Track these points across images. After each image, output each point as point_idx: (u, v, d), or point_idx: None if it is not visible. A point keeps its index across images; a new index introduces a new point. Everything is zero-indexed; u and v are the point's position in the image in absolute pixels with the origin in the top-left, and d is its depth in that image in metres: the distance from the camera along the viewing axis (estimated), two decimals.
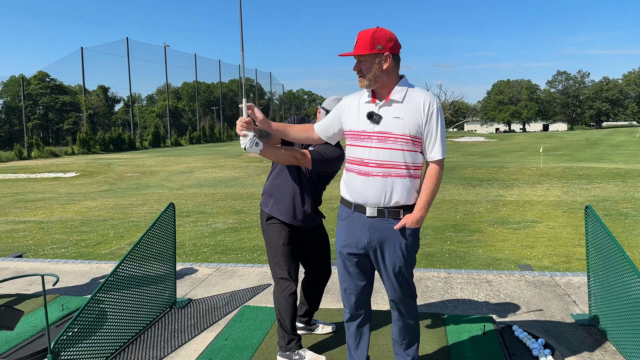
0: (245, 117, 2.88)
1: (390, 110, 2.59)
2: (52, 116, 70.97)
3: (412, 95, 2.61)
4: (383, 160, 2.58)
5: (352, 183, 2.69)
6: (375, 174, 2.60)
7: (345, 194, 2.76)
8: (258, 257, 7.27)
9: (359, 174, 2.64)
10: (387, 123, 2.58)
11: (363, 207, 2.66)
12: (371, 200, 2.62)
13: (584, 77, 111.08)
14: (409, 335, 2.91)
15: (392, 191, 2.60)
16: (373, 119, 2.59)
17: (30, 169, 25.97)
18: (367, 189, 2.62)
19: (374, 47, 2.52)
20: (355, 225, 2.70)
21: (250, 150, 2.87)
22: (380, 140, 2.58)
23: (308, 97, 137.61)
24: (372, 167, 2.60)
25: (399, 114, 2.57)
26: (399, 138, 2.55)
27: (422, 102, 2.58)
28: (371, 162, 2.60)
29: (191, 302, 4.53)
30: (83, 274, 5.55)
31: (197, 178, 20.83)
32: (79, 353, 3.14)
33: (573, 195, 13.10)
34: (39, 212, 12.52)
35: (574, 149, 34.41)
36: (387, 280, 2.77)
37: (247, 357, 3.40)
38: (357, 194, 2.66)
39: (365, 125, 2.63)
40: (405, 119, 2.56)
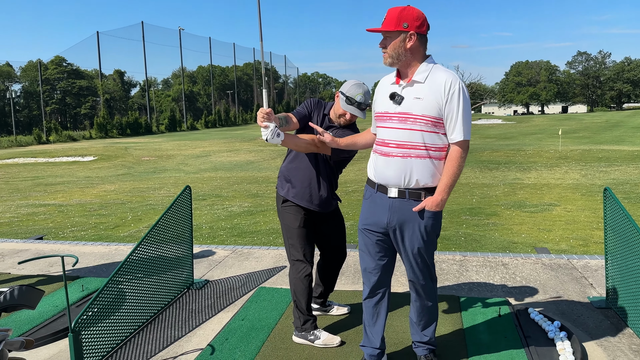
0: (266, 107, 2.86)
1: (411, 91, 2.58)
2: (70, 101, 71.70)
3: (434, 76, 2.58)
4: (402, 141, 2.59)
5: (375, 164, 2.72)
6: (395, 154, 2.61)
7: (370, 174, 2.79)
8: (273, 240, 7.32)
9: (381, 155, 2.68)
10: (407, 104, 2.57)
11: (385, 187, 2.68)
12: (392, 181, 2.64)
13: (605, 57, 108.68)
14: (426, 316, 2.92)
15: (411, 172, 2.60)
16: (395, 100, 2.60)
17: (49, 153, 26.35)
18: (388, 169, 2.64)
19: (400, 24, 2.51)
20: (377, 205, 2.72)
21: (272, 142, 2.85)
22: (400, 121, 2.59)
23: (323, 80, 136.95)
24: (392, 147, 2.62)
25: (420, 95, 2.56)
26: (418, 119, 2.55)
27: (443, 82, 2.55)
28: (391, 142, 2.63)
29: (208, 283, 4.59)
30: (102, 255, 5.65)
31: (213, 162, 20.95)
32: (99, 332, 3.21)
33: (592, 178, 12.93)
34: (59, 195, 12.73)
35: (593, 131, 33.84)
36: (406, 262, 2.79)
37: (264, 337, 3.45)
38: (379, 174, 2.69)
39: (388, 106, 2.64)
40: (425, 99, 2.55)
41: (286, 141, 2.97)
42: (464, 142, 2.59)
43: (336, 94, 3.30)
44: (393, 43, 2.54)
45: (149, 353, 3.33)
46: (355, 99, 3.18)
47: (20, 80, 72.38)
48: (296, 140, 3.06)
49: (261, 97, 60.31)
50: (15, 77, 71.83)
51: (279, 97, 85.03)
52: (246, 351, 3.24)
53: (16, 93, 70.76)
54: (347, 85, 3.24)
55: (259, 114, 2.84)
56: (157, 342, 3.49)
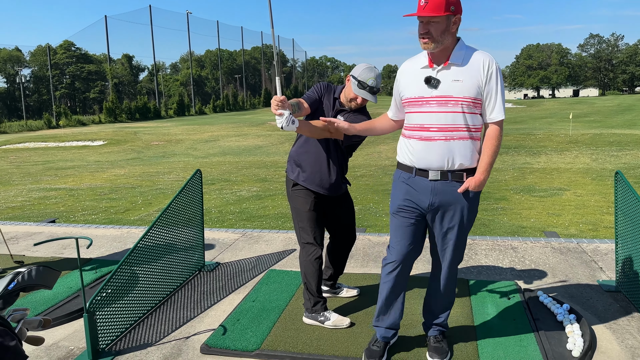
0: (279, 95, 2.84)
1: (449, 74, 2.56)
2: (79, 85, 71.90)
3: (471, 57, 2.57)
4: (444, 124, 2.58)
5: (413, 149, 2.68)
6: (437, 138, 2.60)
7: (404, 160, 2.75)
8: (282, 224, 7.37)
9: (420, 140, 2.64)
10: (446, 87, 2.55)
11: (425, 171, 2.66)
12: (434, 165, 2.63)
13: (617, 40, 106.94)
14: (445, 299, 2.97)
15: (454, 154, 2.60)
16: (431, 84, 2.57)
17: (60, 138, 26.52)
18: (430, 153, 2.62)
19: (448, 8, 2.45)
20: (417, 189, 2.71)
21: (287, 129, 2.86)
22: (440, 105, 2.57)
23: (331, 64, 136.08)
24: (434, 131, 2.60)
25: (459, 77, 2.55)
26: (459, 101, 2.54)
27: (481, 62, 2.56)
28: (432, 126, 2.60)
29: (219, 265, 4.65)
30: (114, 238, 5.72)
31: (222, 146, 21.00)
32: (112, 313, 3.27)
33: (602, 162, 12.84)
34: (69, 179, 12.85)
35: (605, 115, 33.48)
36: (440, 243, 2.81)
37: (274, 318, 3.50)
38: (419, 158, 2.66)
39: (423, 91, 2.60)
40: (465, 81, 2.54)
41: (301, 128, 2.95)
42: (502, 121, 2.64)
43: (347, 78, 3.29)
44: (439, 28, 2.47)
45: (162, 333, 3.40)
46: (367, 83, 3.17)
47: (30, 64, 72.59)
48: (310, 127, 3.05)
49: (270, 82, 59.70)
50: (25, 61, 72.04)
51: (287, 81, 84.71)
52: (257, 332, 3.29)
53: (26, 78, 71.02)
54: (358, 69, 3.23)
55: (272, 101, 2.82)
56: (170, 322, 3.55)
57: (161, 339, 3.33)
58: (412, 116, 2.68)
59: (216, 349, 3.12)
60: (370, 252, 4.91)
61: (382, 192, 9.76)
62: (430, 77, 2.57)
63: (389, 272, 2.89)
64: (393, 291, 2.91)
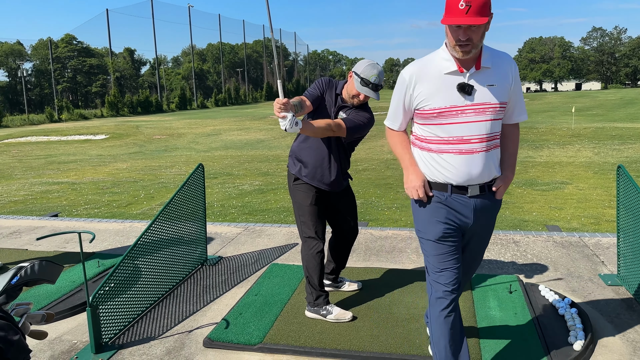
0: (282, 98, 2.78)
1: (482, 79, 2.33)
2: (81, 79, 71.87)
3: (497, 59, 2.38)
4: (485, 134, 2.36)
5: (449, 164, 2.39)
6: (479, 149, 2.36)
7: (436, 178, 2.44)
8: (284, 218, 7.37)
9: (459, 154, 2.36)
10: (482, 93, 2.32)
11: (464, 187, 2.42)
12: (476, 179, 2.40)
13: (620, 33, 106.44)
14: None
15: (492, 165, 2.43)
16: (465, 91, 2.31)
17: (61, 132, 26.54)
18: (473, 167, 2.37)
19: (490, 10, 2.23)
20: (457, 208, 2.45)
21: (291, 131, 2.78)
22: (478, 113, 2.33)
23: (333, 58, 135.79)
24: (475, 143, 2.35)
25: (492, 81, 2.34)
26: (497, 108, 2.35)
27: (508, 65, 2.40)
28: (473, 138, 2.35)
29: (221, 259, 4.66)
30: (117, 232, 5.74)
31: (224, 140, 21.00)
32: (115, 307, 3.29)
33: (604, 156, 12.81)
34: (72, 173, 12.86)
35: (607, 108, 33.37)
36: (470, 252, 2.65)
37: (277, 311, 3.51)
38: (459, 174, 2.38)
39: (455, 99, 2.33)
40: (498, 85, 2.35)
41: (304, 129, 2.91)
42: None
43: (349, 74, 3.28)
44: (480, 33, 2.23)
45: (165, 327, 3.41)
46: (369, 80, 3.16)
47: (31, 58, 72.57)
48: (313, 127, 3.01)
49: (272, 76, 59.54)
50: (27, 55, 72.01)
51: (289, 75, 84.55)
52: (260, 325, 3.31)
53: (27, 71, 71.02)
54: (361, 66, 3.21)
55: (275, 104, 2.77)
56: (173, 316, 3.56)
57: (164, 332, 3.34)
58: (446, 128, 2.36)
59: (219, 343, 3.13)
60: (372, 247, 4.92)
61: (384, 186, 9.76)
62: (465, 84, 2.31)
63: (446, 309, 2.48)
64: (456, 333, 2.50)
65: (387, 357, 2.93)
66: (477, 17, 2.15)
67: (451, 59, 2.32)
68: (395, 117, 2.56)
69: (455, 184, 2.42)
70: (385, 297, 3.71)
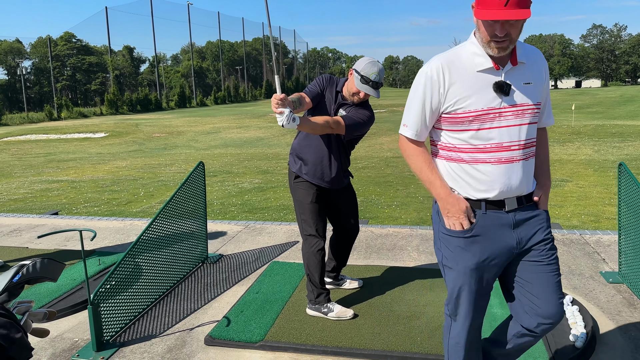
0: (279, 93, 2.76)
1: (518, 76, 2.03)
2: (80, 77, 71.79)
3: (530, 54, 2.09)
4: (525, 140, 2.05)
5: (486, 176, 2.05)
6: (519, 158, 2.05)
7: (468, 193, 2.09)
8: (284, 216, 7.37)
9: (498, 163, 2.03)
10: (520, 92, 2.03)
11: (500, 202, 2.08)
12: (515, 191, 2.07)
13: (620, 30, 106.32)
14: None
15: (530, 174, 2.13)
16: (503, 91, 2.00)
17: (61, 130, 26.52)
18: (512, 178, 2.05)
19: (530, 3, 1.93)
20: (493, 229, 2.08)
21: (288, 127, 2.77)
22: (517, 116, 2.02)
23: (333, 55, 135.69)
24: (515, 150, 2.04)
25: (528, 79, 2.05)
26: (535, 109, 2.05)
27: (541, 61, 2.11)
28: (513, 144, 2.03)
29: (222, 257, 4.66)
30: (117, 230, 5.73)
31: (223, 138, 20.99)
32: (116, 305, 3.29)
33: (605, 153, 12.81)
34: (71, 171, 12.86)
35: (607, 106, 33.36)
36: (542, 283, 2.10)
37: (278, 309, 3.51)
38: (497, 187, 2.04)
39: (491, 100, 2.01)
40: (534, 84, 2.06)
41: (302, 125, 2.90)
42: None
43: (350, 72, 3.27)
44: (519, 27, 1.94)
45: (166, 325, 3.41)
46: (370, 78, 3.15)
47: (31, 56, 72.44)
48: (311, 123, 3.00)
49: (272, 74, 59.45)
50: (26, 53, 71.89)
51: (289, 72, 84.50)
52: (261, 323, 3.31)
53: (26, 69, 70.92)
54: (361, 64, 3.20)
55: (272, 100, 2.76)
56: (174, 314, 3.56)
57: (165, 330, 3.34)
58: (482, 134, 2.03)
59: (220, 341, 3.13)
60: (373, 244, 4.92)
61: (384, 184, 9.76)
62: (502, 83, 1.99)
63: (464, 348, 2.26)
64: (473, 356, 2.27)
65: (389, 354, 2.93)
66: (518, 10, 1.85)
67: (485, 55, 2.01)
68: (417, 124, 2.13)
69: (489, 199, 2.08)
70: (386, 294, 3.71)
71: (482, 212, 2.08)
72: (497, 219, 2.08)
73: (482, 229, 2.08)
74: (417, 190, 8.90)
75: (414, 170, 2.20)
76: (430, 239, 5.02)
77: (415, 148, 2.17)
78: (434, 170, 2.14)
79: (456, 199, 2.09)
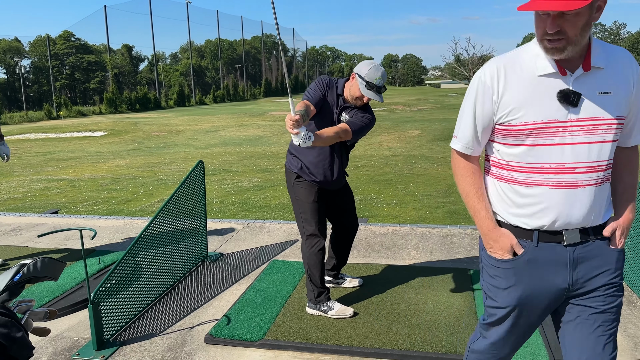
0: (293, 115, 2.71)
1: (592, 84, 1.68)
2: (79, 76, 71.71)
3: (612, 57, 1.72)
4: (597, 161, 1.70)
5: (542, 201, 1.73)
6: (587, 182, 1.71)
7: (519, 219, 1.79)
8: (283, 215, 7.37)
9: (557, 187, 1.71)
10: (592, 104, 1.67)
11: (558, 233, 1.74)
12: (576, 221, 1.73)
13: (619, 28, 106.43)
14: None
15: (602, 202, 1.76)
16: (570, 101, 1.66)
17: (60, 129, 26.50)
18: (575, 206, 1.71)
19: None
20: (544, 265, 1.77)
21: (304, 146, 2.75)
22: (587, 132, 1.68)
23: (332, 54, 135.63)
24: (581, 172, 1.70)
25: (606, 88, 1.68)
26: (613, 124, 1.68)
27: (628, 65, 1.73)
28: (579, 166, 1.70)
29: (222, 256, 4.66)
30: (117, 229, 5.73)
31: (222, 137, 20.98)
32: (117, 303, 3.29)
33: None
34: (70, 170, 12.85)
35: None
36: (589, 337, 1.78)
37: (278, 308, 3.51)
38: (555, 215, 1.72)
39: (555, 111, 1.68)
40: (614, 93, 1.69)
41: (316, 141, 2.87)
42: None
43: (352, 76, 3.26)
44: (579, 23, 1.57)
45: (167, 323, 3.41)
46: (375, 84, 3.18)
47: (29, 55, 72.37)
48: (324, 138, 3.00)
49: (271, 72, 59.26)
50: (24, 52, 71.82)
51: (288, 71, 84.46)
52: (261, 321, 3.31)
53: (25, 68, 70.84)
54: (364, 69, 3.20)
55: (287, 122, 2.73)
56: (174, 312, 3.57)
57: (165, 329, 3.34)
58: (539, 151, 1.71)
59: (220, 339, 3.13)
60: (373, 243, 4.92)
61: (383, 182, 9.77)
62: (569, 92, 1.66)
63: None
64: None
65: (389, 352, 2.94)
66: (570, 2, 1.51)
67: (546, 57, 1.69)
68: (467, 136, 1.85)
69: (543, 230, 1.75)
70: (386, 293, 3.71)
71: (533, 243, 1.77)
72: (551, 252, 1.75)
73: (530, 264, 1.77)
74: (417, 188, 8.91)
75: (460, 192, 1.92)
76: (429, 237, 5.03)
77: (465, 166, 1.89)
78: (481, 198, 1.86)
79: (500, 234, 1.81)
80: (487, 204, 1.86)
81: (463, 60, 72.01)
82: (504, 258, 1.81)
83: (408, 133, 18.92)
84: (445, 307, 3.46)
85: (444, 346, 2.96)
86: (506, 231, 1.80)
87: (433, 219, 6.66)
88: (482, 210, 1.85)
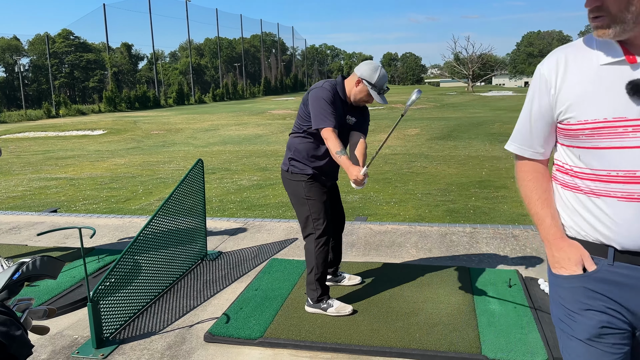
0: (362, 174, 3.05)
1: None
2: (78, 74, 71.62)
3: None
4: None
5: (610, 215, 1.45)
6: None
7: (588, 235, 1.52)
8: (283, 213, 7.37)
9: (628, 199, 1.42)
10: None
11: (636, 253, 1.45)
12: None
13: None
14: None
15: None
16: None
17: (59, 127, 26.47)
18: None
19: None
20: (622, 290, 1.48)
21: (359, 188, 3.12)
22: None
23: (331, 52, 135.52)
24: None
25: None
26: None
27: None
28: None
29: (221, 254, 4.67)
30: (116, 227, 5.74)
31: (222, 135, 20.97)
32: (116, 302, 3.29)
33: None
34: (70, 169, 12.84)
35: None
36: None
37: (277, 306, 3.52)
38: (627, 232, 1.43)
39: (623, 108, 1.39)
40: None
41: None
42: None
43: (357, 81, 3.24)
44: None
45: (166, 322, 3.42)
46: (383, 88, 3.25)
47: (28, 54, 72.28)
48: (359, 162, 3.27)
49: (270, 71, 59.49)
50: (23, 50, 71.74)
51: (287, 69, 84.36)
52: (260, 320, 3.32)
53: (24, 67, 70.73)
54: (368, 71, 3.21)
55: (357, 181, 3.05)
56: (174, 311, 3.57)
57: (165, 327, 3.35)
58: (604, 155, 1.44)
59: (220, 337, 3.14)
60: (372, 241, 4.93)
61: (383, 180, 9.77)
62: (638, 82, 1.37)
63: None
64: None
65: (387, 350, 2.94)
66: None
67: (613, 42, 1.42)
68: (521, 135, 1.65)
69: (620, 248, 1.46)
70: (385, 291, 3.72)
71: (607, 262, 1.49)
72: (629, 276, 1.46)
73: (604, 286, 1.50)
74: (416, 187, 8.92)
75: (522, 199, 1.71)
76: (428, 235, 5.04)
77: (523, 169, 1.68)
78: (545, 203, 1.62)
79: (568, 244, 1.55)
80: (554, 210, 1.61)
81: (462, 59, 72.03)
82: (572, 274, 1.53)
83: (407, 132, 18.92)
84: (444, 305, 3.47)
85: (442, 344, 2.97)
86: (576, 242, 1.55)
87: (432, 217, 6.67)
88: (547, 217, 1.60)
